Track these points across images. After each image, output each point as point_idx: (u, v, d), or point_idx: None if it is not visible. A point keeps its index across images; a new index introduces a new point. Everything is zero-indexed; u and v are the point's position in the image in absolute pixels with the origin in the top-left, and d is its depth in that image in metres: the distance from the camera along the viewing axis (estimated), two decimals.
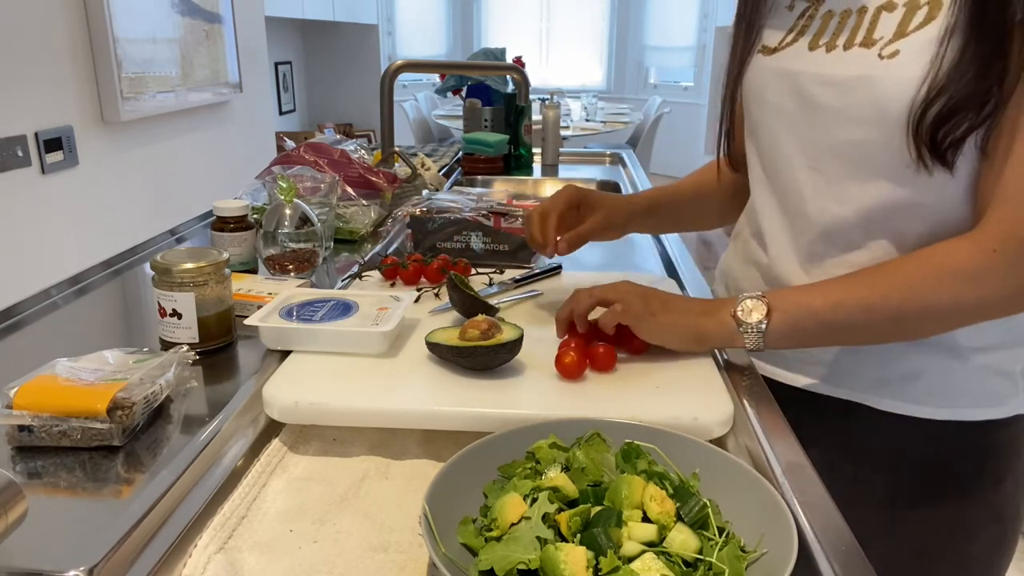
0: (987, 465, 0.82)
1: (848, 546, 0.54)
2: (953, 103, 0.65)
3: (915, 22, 0.68)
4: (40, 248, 1.87)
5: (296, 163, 1.36)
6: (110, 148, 2.14)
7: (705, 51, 6.82)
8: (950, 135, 0.66)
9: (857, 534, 0.56)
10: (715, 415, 0.70)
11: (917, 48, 0.67)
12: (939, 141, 0.67)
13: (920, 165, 0.69)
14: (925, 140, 0.67)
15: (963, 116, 0.65)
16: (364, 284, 1.07)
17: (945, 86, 0.65)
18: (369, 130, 5.30)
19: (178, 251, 0.84)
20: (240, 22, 2.82)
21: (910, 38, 0.68)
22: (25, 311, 0.96)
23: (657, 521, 0.55)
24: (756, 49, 0.83)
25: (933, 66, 0.65)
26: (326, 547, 0.59)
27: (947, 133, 0.66)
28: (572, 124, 4.71)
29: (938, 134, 0.66)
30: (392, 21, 6.01)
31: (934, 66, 0.65)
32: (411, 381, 0.76)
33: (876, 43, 0.70)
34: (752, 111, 0.85)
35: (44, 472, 0.61)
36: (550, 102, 2.20)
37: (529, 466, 0.60)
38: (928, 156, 0.68)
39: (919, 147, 0.68)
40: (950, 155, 0.67)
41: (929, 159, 0.68)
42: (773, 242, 0.85)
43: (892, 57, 0.68)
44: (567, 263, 1.29)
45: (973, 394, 0.78)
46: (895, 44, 0.68)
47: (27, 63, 1.80)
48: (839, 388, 0.83)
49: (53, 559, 0.51)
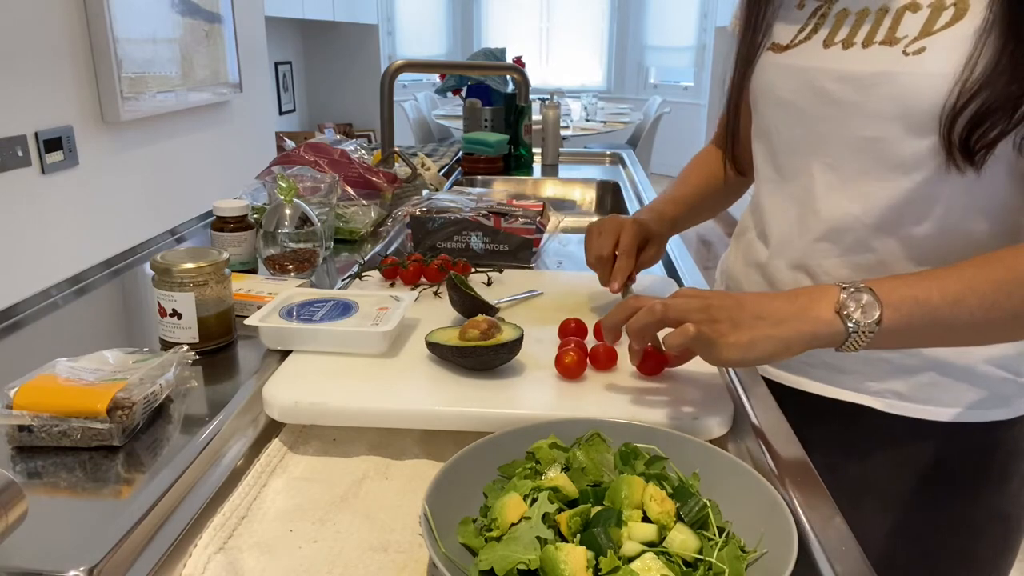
0: (991, 466, 0.82)
1: (848, 546, 0.54)
2: (988, 106, 0.64)
3: (941, 21, 0.67)
4: (40, 248, 1.87)
5: (296, 163, 1.36)
6: (110, 148, 2.14)
7: (705, 51, 6.82)
8: (984, 138, 0.65)
9: (858, 535, 0.56)
10: (715, 415, 0.70)
11: (945, 45, 0.66)
12: (972, 143, 0.66)
13: (950, 165, 0.68)
14: (957, 143, 0.66)
15: (998, 118, 0.64)
16: (364, 284, 1.07)
17: (981, 88, 0.64)
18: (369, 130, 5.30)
19: (178, 251, 0.84)
20: (240, 22, 2.82)
21: (937, 36, 0.67)
22: (25, 311, 0.96)
23: (657, 521, 0.55)
24: (765, 48, 0.83)
25: (967, 66, 0.65)
26: (326, 547, 0.59)
27: (981, 136, 0.65)
28: (572, 124, 4.71)
29: (972, 136, 0.66)
30: (392, 21, 6.01)
31: (968, 66, 0.65)
32: (411, 381, 0.76)
33: (899, 41, 0.69)
34: (761, 109, 0.85)
35: (44, 472, 0.61)
36: (550, 102, 2.20)
37: (529, 466, 0.60)
38: (959, 157, 0.67)
39: (950, 148, 0.67)
40: (981, 157, 0.67)
41: (960, 160, 0.67)
42: (777, 241, 0.85)
43: (919, 54, 0.68)
44: (569, 263, 1.29)
45: (977, 395, 0.78)
46: (921, 42, 0.68)
47: (27, 63, 1.80)
48: (842, 391, 0.83)
49: (53, 559, 0.50)
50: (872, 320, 0.61)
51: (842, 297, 0.62)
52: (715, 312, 0.63)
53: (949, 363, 0.77)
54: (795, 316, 0.63)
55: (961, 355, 0.77)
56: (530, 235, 1.24)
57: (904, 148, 0.70)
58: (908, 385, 0.79)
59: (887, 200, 0.74)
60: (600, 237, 0.94)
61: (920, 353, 0.78)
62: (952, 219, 0.72)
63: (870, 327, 0.61)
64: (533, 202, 1.33)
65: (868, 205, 0.75)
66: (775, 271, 0.85)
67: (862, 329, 0.61)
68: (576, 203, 2.04)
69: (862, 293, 0.62)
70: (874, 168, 0.74)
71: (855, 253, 0.77)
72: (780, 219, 0.84)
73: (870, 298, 0.61)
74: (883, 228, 0.75)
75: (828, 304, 0.62)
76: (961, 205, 0.71)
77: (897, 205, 0.73)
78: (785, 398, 0.78)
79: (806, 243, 0.81)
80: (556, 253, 1.34)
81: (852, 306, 0.61)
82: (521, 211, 1.26)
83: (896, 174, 0.72)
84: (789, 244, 0.83)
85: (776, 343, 0.62)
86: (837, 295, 0.62)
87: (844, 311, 0.61)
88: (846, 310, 0.61)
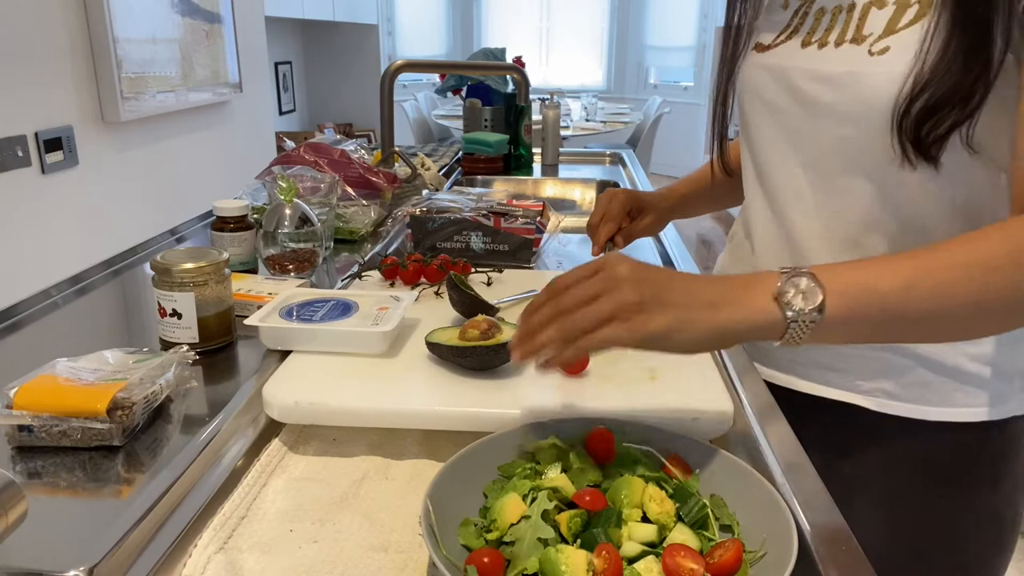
0: (983, 466, 0.82)
1: (848, 546, 0.54)
2: (937, 98, 0.64)
3: (905, 19, 0.67)
4: (40, 248, 1.87)
5: (296, 163, 1.36)
6: (110, 148, 2.14)
7: (705, 51, 6.82)
8: (934, 131, 0.66)
9: (857, 534, 0.56)
10: (715, 415, 0.70)
11: (905, 45, 0.67)
12: (923, 137, 0.66)
13: (905, 161, 0.68)
14: (909, 136, 0.67)
15: (947, 111, 0.65)
16: (364, 284, 1.07)
17: (929, 81, 0.64)
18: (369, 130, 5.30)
19: (178, 251, 0.84)
20: (240, 22, 2.82)
21: (900, 35, 0.68)
22: (25, 311, 0.96)
23: (657, 521, 0.55)
24: (749, 48, 0.83)
25: (918, 61, 0.65)
26: (326, 547, 0.59)
27: (931, 129, 0.66)
28: (572, 124, 4.71)
29: (922, 129, 0.66)
30: (392, 21, 6.00)
31: (918, 60, 0.65)
32: (411, 381, 0.76)
33: (866, 39, 0.70)
34: (745, 109, 0.85)
35: (44, 472, 0.61)
36: (550, 102, 2.20)
37: (529, 466, 0.60)
38: (912, 152, 0.67)
39: (903, 143, 0.67)
40: (934, 151, 0.67)
41: (913, 155, 0.68)
42: (761, 241, 0.85)
43: (882, 54, 0.68)
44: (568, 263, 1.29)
45: (970, 394, 0.78)
46: (885, 40, 0.68)
47: (27, 63, 1.80)
48: (832, 390, 0.83)
49: (53, 559, 0.51)
50: (813, 307, 0.54)
51: (780, 282, 0.55)
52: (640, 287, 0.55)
53: (939, 362, 0.77)
54: (729, 301, 0.56)
55: (951, 354, 0.77)
56: (530, 235, 1.24)
57: (874, 147, 0.71)
58: (898, 384, 0.79)
59: (865, 199, 0.74)
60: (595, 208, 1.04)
61: (910, 351, 0.78)
62: (931, 216, 0.72)
63: (811, 315, 0.54)
64: (533, 202, 1.33)
65: (848, 204, 0.75)
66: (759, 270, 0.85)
67: (802, 318, 0.54)
68: (576, 203, 2.04)
69: (802, 277, 0.55)
70: (850, 167, 0.74)
71: (842, 252, 0.77)
72: (763, 219, 0.85)
73: (811, 283, 0.55)
74: (866, 226, 0.75)
75: (766, 289, 0.55)
76: (935, 202, 0.71)
77: (876, 204, 0.74)
78: (775, 397, 0.78)
79: (791, 243, 0.81)
80: (556, 253, 1.34)
81: (791, 292, 0.55)
82: (521, 211, 1.26)
83: (871, 173, 0.73)
84: (774, 245, 0.83)
85: (706, 329, 0.55)
86: (775, 279, 0.56)
87: (783, 297, 0.55)
88: (785, 296, 0.55)
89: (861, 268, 0.57)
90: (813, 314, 0.54)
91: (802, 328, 0.55)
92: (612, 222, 1.04)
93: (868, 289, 0.55)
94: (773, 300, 0.55)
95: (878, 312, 0.56)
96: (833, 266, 0.57)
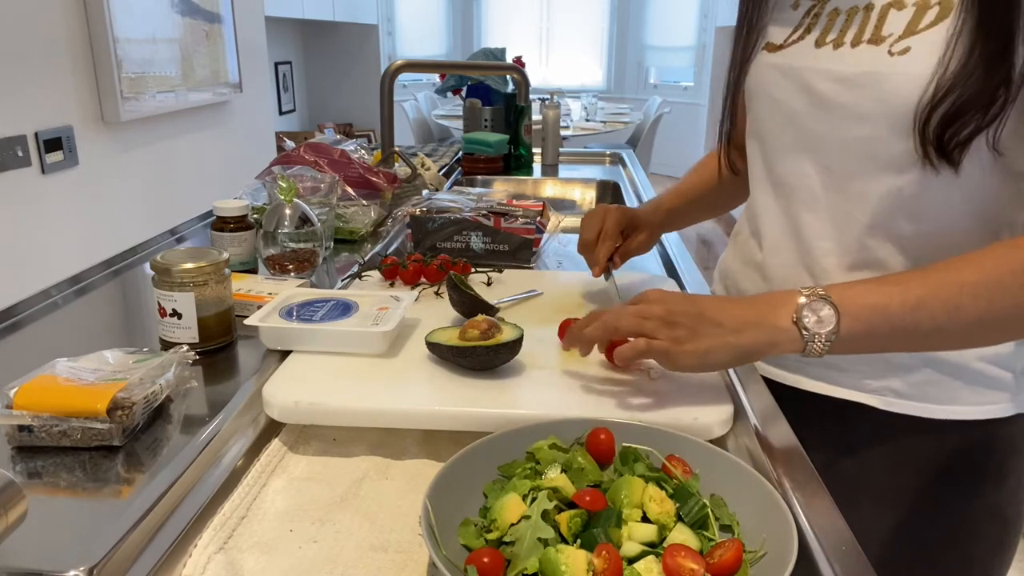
0: (988, 464, 0.82)
1: (848, 546, 0.54)
2: (960, 103, 0.65)
3: (926, 20, 0.67)
4: (40, 248, 1.87)
5: (296, 163, 1.36)
6: (110, 148, 2.14)
7: (705, 51, 6.82)
8: (957, 136, 0.66)
9: (857, 534, 0.56)
10: (715, 415, 0.70)
11: (928, 46, 0.67)
12: (946, 141, 0.66)
13: (926, 164, 0.69)
14: (932, 140, 0.67)
15: (970, 117, 0.65)
16: (364, 284, 1.07)
17: (952, 86, 0.65)
18: (369, 130, 5.30)
19: (178, 251, 0.84)
20: (240, 22, 2.82)
21: (921, 35, 0.67)
22: (25, 311, 0.96)
23: (657, 521, 0.55)
24: (760, 48, 0.83)
25: (941, 65, 0.65)
26: (326, 547, 0.59)
27: (954, 134, 0.66)
28: (572, 124, 4.71)
29: (945, 134, 0.66)
30: (392, 21, 6.01)
31: (942, 65, 0.65)
32: (411, 381, 0.76)
33: (885, 40, 0.70)
34: (755, 109, 0.85)
35: (44, 472, 0.61)
36: (550, 102, 2.20)
37: (529, 466, 0.60)
38: (934, 155, 0.68)
39: (925, 146, 0.68)
40: (956, 155, 0.67)
41: (935, 158, 0.68)
42: (770, 241, 0.85)
43: (903, 54, 0.68)
44: (568, 263, 1.29)
45: (974, 393, 0.78)
46: (906, 41, 0.68)
47: (27, 63, 1.80)
48: (840, 388, 0.83)
49: (53, 559, 0.50)
50: (829, 330, 0.62)
51: (800, 304, 0.63)
52: (673, 318, 0.65)
53: (946, 360, 0.77)
54: (753, 324, 0.64)
55: (957, 353, 0.77)
56: (530, 235, 1.24)
57: (892, 148, 0.71)
58: (905, 383, 0.79)
59: (879, 200, 0.74)
60: (587, 224, 1.00)
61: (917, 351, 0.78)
62: (944, 219, 0.72)
63: (828, 336, 0.62)
64: (533, 202, 1.33)
65: (861, 205, 0.75)
66: (773, 270, 0.85)
67: (818, 339, 0.62)
68: (576, 203, 2.04)
69: (822, 303, 0.62)
70: (865, 168, 0.74)
71: (852, 252, 0.77)
72: (773, 219, 0.84)
73: (829, 309, 0.62)
74: (877, 227, 0.75)
75: (787, 312, 0.63)
76: (950, 205, 0.71)
77: (889, 205, 0.73)
78: (782, 397, 0.78)
79: (801, 243, 0.81)
80: (556, 253, 1.34)
81: (809, 316, 0.62)
82: (521, 211, 1.26)
83: (886, 174, 0.73)
84: (783, 244, 0.83)
85: (734, 351, 0.64)
86: (796, 303, 0.63)
87: (802, 321, 0.63)
88: (803, 320, 0.62)
89: (874, 291, 0.64)
90: (830, 335, 0.62)
91: (819, 347, 0.63)
92: (610, 240, 0.99)
93: (880, 311, 0.62)
94: (793, 323, 0.63)
95: (889, 330, 0.63)
96: (848, 288, 0.64)
